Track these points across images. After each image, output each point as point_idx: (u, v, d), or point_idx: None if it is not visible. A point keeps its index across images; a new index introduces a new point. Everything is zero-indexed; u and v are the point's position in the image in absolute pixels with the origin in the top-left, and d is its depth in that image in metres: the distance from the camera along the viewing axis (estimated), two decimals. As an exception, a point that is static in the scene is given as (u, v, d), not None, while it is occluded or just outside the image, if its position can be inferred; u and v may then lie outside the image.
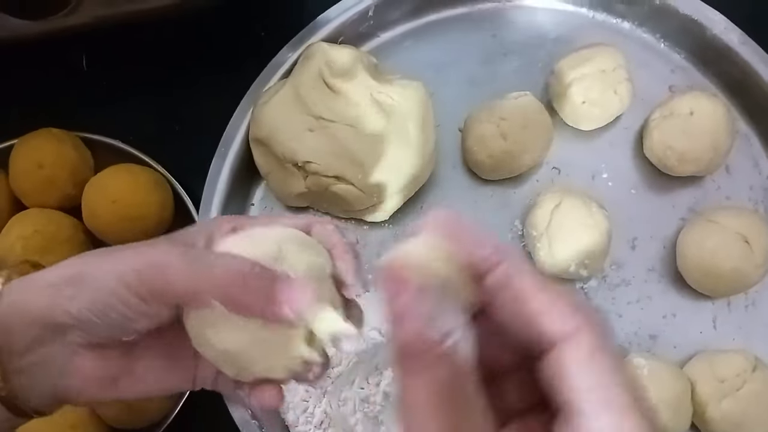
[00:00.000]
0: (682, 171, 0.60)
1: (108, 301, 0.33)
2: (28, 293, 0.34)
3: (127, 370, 0.36)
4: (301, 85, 0.58)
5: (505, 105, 0.60)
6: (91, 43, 0.67)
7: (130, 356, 0.36)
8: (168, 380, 0.38)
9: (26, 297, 0.33)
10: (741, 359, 0.54)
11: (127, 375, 0.36)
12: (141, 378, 0.36)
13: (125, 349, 0.36)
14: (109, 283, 0.33)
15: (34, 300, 0.33)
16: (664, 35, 0.65)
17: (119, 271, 0.33)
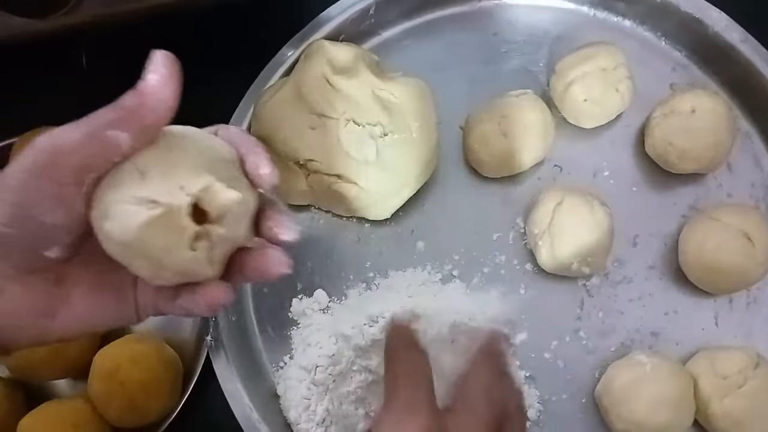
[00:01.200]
0: (683, 168, 0.60)
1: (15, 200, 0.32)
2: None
3: (62, 299, 0.35)
4: (303, 83, 0.58)
5: (506, 103, 0.60)
6: (91, 42, 0.67)
7: (61, 285, 0.35)
8: (107, 311, 0.37)
9: None
10: (743, 356, 0.54)
11: (62, 305, 0.35)
12: (78, 309, 0.36)
13: (55, 276, 0.35)
14: (11, 182, 0.32)
15: None
16: (665, 33, 0.65)
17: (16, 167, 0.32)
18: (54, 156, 0.32)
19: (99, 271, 0.36)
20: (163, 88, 0.33)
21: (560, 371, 0.58)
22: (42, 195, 0.32)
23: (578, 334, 0.58)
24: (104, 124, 0.33)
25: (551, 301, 0.59)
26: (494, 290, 0.59)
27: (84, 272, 0.36)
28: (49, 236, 0.33)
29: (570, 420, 0.57)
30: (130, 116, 0.33)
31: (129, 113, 0.33)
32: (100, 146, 0.33)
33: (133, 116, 0.33)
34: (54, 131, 0.33)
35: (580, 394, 0.57)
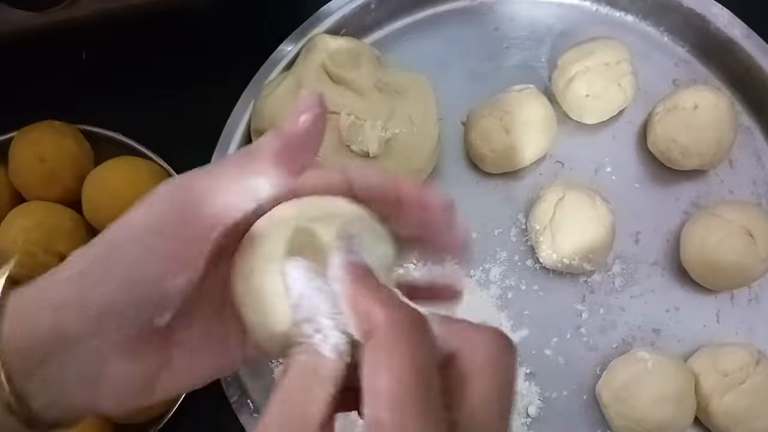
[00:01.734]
0: (685, 165, 0.59)
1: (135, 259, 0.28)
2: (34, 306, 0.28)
3: (165, 368, 0.30)
4: (304, 76, 0.58)
5: (507, 98, 0.60)
6: (92, 36, 0.67)
7: (165, 349, 0.30)
8: (207, 368, 0.32)
9: (32, 311, 0.28)
10: (744, 353, 0.54)
11: (165, 371, 0.30)
12: (179, 371, 0.31)
13: (159, 341, 0.30)
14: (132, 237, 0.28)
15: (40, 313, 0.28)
16: (667, 29, 0.65)
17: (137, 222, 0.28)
18: (184, 209, 0.28)
19: (202, 327, 0.31)
20: (311, 130, 0.28)
21: (561, 368, 0.57)
22: (166, 255, 0.28)
23: (579, 331, 0.58)
24: (242, 170, 0.28)
25: (552, 297, 0.59)
26: (494, 287, 0.59)
27: (187, 331, 0.31)
28: (161, 302, 0.29)
29: (571, 417, 0.57)
30: (273, 160, 0.28)
31: (271, 157, 0.28)
32: (238, 196, 0.28)
33: (276, 160, 0.28)
34: (179, 179, 0.28)
35: (581, 390, 0.57)
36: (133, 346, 0.29)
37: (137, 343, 0.29)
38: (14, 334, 0.27)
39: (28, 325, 0.28)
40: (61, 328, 0.27)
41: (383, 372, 0.24)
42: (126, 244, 0.28)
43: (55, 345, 0.28)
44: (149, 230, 0.28)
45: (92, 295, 0.28)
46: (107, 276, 0.28)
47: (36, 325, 0.28)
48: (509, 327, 0.58)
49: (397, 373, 0.24)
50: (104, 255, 0.28)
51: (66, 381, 0.28)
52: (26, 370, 0.28)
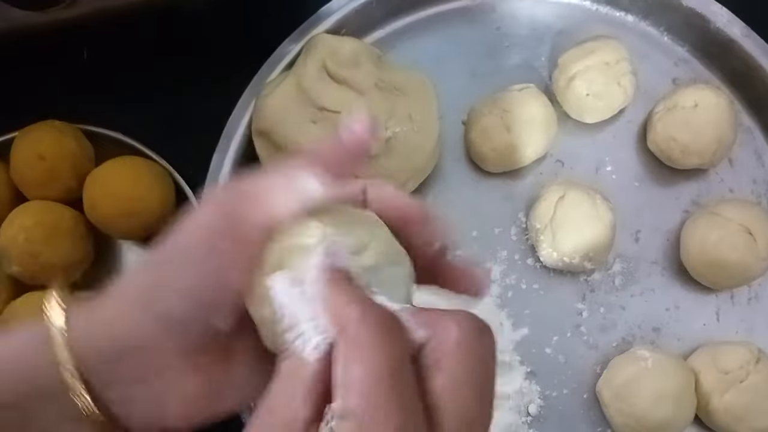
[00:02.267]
0: (685, 164, 0.59)
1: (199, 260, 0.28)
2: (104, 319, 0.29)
3: (228, 378, 0.31)
4: (304, 76, 0.58)
5: (508, 97, 0.60)
6: (93, 36, 0.67)
7: (228, 361, 0.31)
8: (261, 382, 0.31)
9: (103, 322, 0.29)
10: (744, 351, 0.54)
11: (227, 385, 0.31)
12: (239, 385, 0.31)
13: (221, 351, 0.31)
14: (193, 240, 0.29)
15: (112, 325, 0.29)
16: (667, 28, 0.65)
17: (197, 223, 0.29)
18: (238, 209, 0.29)
19: (254, 338, 0.31)
20: (362, 137, 0.30)
21: (561, 366, 0.57)
22: (228, 254, 0.29)
23: (579, 330, 0.58)
24: (296, 168, 0.29)
25: (553, 296, 0.59)
26: (495, 286, 0.59)
27: (244, 342, 0.31)
28: (226, 302, 0.29)
29: (571, 415, 0.57)
30: (328, 159, 0.30)
31: (326, 154, 0.30)
32: (292, 193, 0.29)
33: (329, 162, 0.29)
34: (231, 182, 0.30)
35: (582, 389, 0.57)
36: (196, 354, 0.30)
37: (200, 351, 0.30)
38: (84, 351, 0.28)
39: (96, 337, 0.29)
40: (129, 335, 0.28)
41: (354, 364, 0.24)
42: (189, 244, 0.29)
43: (122, 355, 0.28)
44: (210, 232, 0.29)
45: (160, 299, 0.28)
46: (174, 279, 0.29)
47: (104, 337, 0.29)
48: (509, 326, 0.58)
49: (368, 364, 0.24)
50: (168, 261, 0.29)
51: (134, 396, 0.29)
52: (92, 381, 0.28)
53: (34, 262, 0.57)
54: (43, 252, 0.57)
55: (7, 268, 0.58)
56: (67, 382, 0.28)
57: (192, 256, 0.29)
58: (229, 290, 0.29)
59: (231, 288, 0.29)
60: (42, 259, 0.57)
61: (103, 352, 0.28)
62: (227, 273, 0.29)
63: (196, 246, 0.29)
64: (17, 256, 0.57)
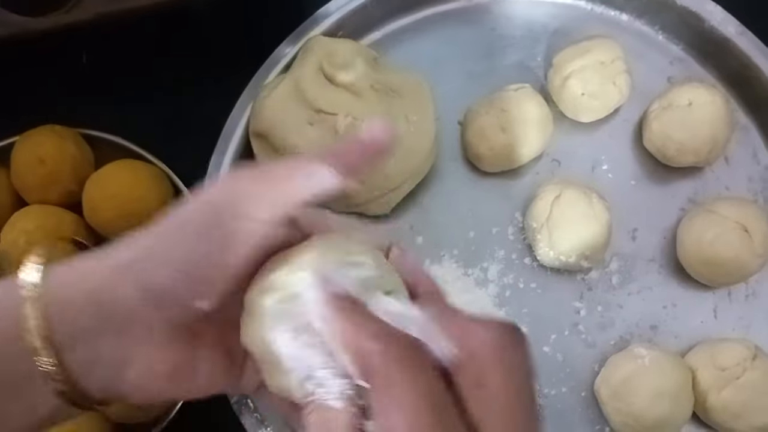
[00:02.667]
0: (681, 162, 0.60)
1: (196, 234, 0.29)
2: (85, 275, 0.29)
3: (190, 363, 0.31)
4: (301, 78, 0.58)
5: (504, 98, 0.60)
6: (92, 40, 0.67)
7: (194, 348, 0.31)
8: (220, 379, 0.33)
9: (81, 279, 0.29)
10: (741, 348, 0.54)
11: (188, 369, 0.31)
12: (199, 374, 0.32)
13: (190, 336, 0.31)
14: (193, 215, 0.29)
15: (91, 281, 0.29)
16: (662, 27, 0.65)
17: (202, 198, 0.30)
18: (247, 191, 0.30)
19: (224, 333, 0.32)
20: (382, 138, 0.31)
21: (559, 365, 0.58)
22: (227, 231, 0.29)
23: (577, 328, 0.58)
24: (308, 159, 0.30)
25: (550, 295, 0.59)
26: (493, 285, 0.59)
27: (212, 333, 0.32)
28: (214, 281, 0.30)
29: (569, 414, 0.57)
30: (341, 154, 0.31)
31: (340, 151, 0.31)
32: (309, 178, 0.30)
33: (344, 154, 0.31)
34: (237, 170, 0.30)
35: (580, 387, 0.57)
36: (167, 331, 0.30)
37: (172, 329, 0.30)
38: (58, 308, 0.28)
39: (75, 291, 0.29)
40: (111, 296, 0.28)
41: (393, 413, 0.24)
42: (190, 220, 0.29)
43: (99, 314, 0.28)
44: (217, 206, 0.29)
45: (150, 268, 0.29)
46: (169, 251, 0.29)
47: (83, 291, 0.29)
48: (507, 325, 0.58)
49: (407, 408, 0.24)
50: (166, 233, 0.29)
51: (98, 358, 0.29)
52: (69, 343, 0.28)
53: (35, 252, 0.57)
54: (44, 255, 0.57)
55: (8, 272, 0.58)
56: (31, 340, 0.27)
57: (190, 230, 0.29)
58: (220, 270, 0.29)
59: (224, 268, 0.29)
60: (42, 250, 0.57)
61: (83, 313, 0.28)
62: (223, 253, 0.29)
63: (197, 220, 0.29)
64: (18, 259, 0.57)
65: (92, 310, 0.29)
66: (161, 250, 0.29)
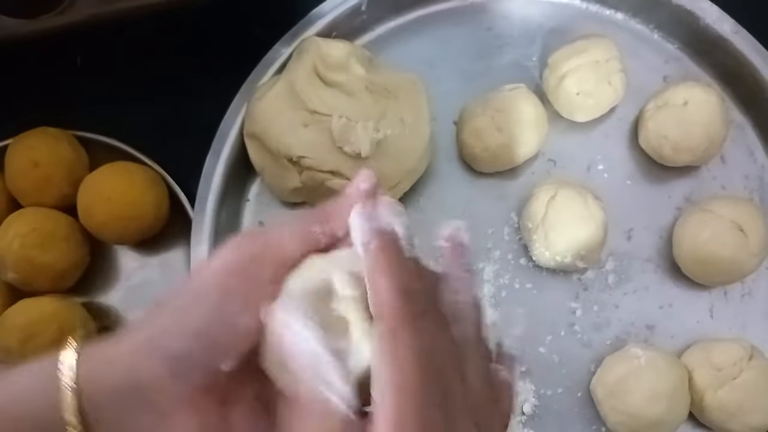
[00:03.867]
0: (677, 161, 0.60)
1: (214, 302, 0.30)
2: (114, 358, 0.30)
3: (223, 423, 0.32)
4: (296, 79, 0.58)
5: (499, 98, 0.60)
6: (86, 42, 0.67)
7: (225, 406, 0.32)
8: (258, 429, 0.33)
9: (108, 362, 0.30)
10: (737, 348, 0.54)
11: (223, 429, 0.32)
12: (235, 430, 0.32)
13: (220, 395, 0.32)
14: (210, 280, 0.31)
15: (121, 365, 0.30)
16: (657, 25, 0.65)
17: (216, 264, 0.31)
18: (259, 253, 0.32)
19: (259, 386, 0.32)
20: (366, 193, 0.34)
21: (556, 365, 0.58)
22: (241, 295, 0.31)
23: (573, 328, 0.58)
24: (310, 221, 0.33)
25: (546, 295, 0.59)
26: (488, 285, 0.59)
27: (244, 388, 0.33)
28: (232, 344, 0.31)
29: (566, 414, 0.57)
30: (333, 216, 0.33)
31: (333, 213, 0.33)
32: (304, 243, 0.33)
33: (336, 217, 0.33)
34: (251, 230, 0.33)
35: (576, 388, 0.57)
36: (197, 397, 0.31)
37: (200, 393, 0.31)
38: (90, 385, 0.29)
39: (104, 375, 0.30)
40: (136, 374, 0.29)
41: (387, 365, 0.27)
42: (205, 288, 0.31)
43: (127, 393, 0.29)
44: (226, 274, 0.31)
45: (172, 340, 0.30)
46: (185, 321, 0.30)
47: (111, 374, 0.30)
48: (503, 325, 0.58)
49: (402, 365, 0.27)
50: (181, 304, 0.31)
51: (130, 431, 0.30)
52: (103, 423, 0.29)
53: (29, 268, 0.57)
54: (38, 258, 0.57)
55: (3, 275, 0.58)
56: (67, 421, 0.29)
57: (205, 298, 0.31)
58: (238, 333, 0.31)
59: (240, 331, 0.31)
60: (37, 265, 0.57)
61: (106, 390, 0.29)
62: (239, 316, 0.31)
63: (211, 288, 0.31)
64: (13, 262, 0.57)
65: (125, 391, 0.29)
66: (181, 321, 0.30)
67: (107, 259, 0.64)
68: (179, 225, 0.62)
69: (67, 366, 0.29)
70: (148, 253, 0.64)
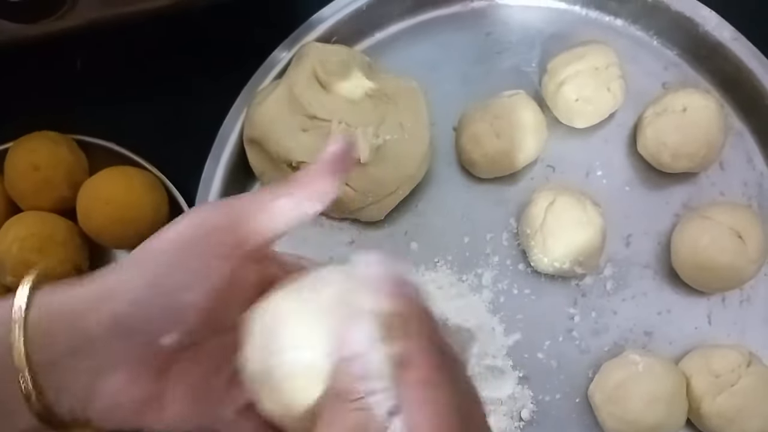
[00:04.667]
0: (675, 167, 0.60)
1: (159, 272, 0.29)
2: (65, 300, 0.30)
3: (156, 398, 0.31)
4: (295, 84, 0.58)
5: (498, 103, 0.60)
6: (86, 46, 0.67)
7: (160, 382, 0.31)
8: (191, 416, 0.32)
9: (62, 304, 0.30)
10: (735, 354, 0.54)
11: (154, 405, 0.31)
12: (167, 410, 0.32)
13: (157, 373, 0.31)
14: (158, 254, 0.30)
15: (69, 307, 0.30)
16: (656, 32, 0.65)
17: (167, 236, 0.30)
18: (224, 223, 0.30)
19: (195, 372, 0.32)
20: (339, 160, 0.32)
21: (554, 371, 0.58)
22: (189, 268, 0.30)
23: (571, 334, 0.58)
24: (278, 194, 0.31)
25: (544, 301, 0.59)
26: (487, 291, 0.59)
27: (184, 373, 0.32)
28: (175, 318, 0.30)
29: (564, 420, 0.57)
30: (301, 185, 0.31)
31: (300, 183, 0.31)
32: (272, 216, 0.31)
33: (304, 185, 0.31)
34: (220, 201, 0.31)
35: (574, 393, 0.57)
36: (134, 367, 0.30)
37: (139, 361, 0.30)
38: (39, 331, 0.29)
39: (52, 324, 0.30)
40: (81, 323, 0.29)
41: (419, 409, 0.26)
42: (154, 255, 0.30)
43: (72, 338, 0.29)
44: (176, 246, 0.30)
45: (116, 300, 0.29)
46: (128, 286, 0.30)
47: (60, 318, 0.30)
48: (502, 331, 0.58)
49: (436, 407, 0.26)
50: (129, 267, 0.30)
51: (68, 386, 0.30)
52: (46, 367, 0.29)
53: (28, 272, 0.57)
54: (38, 262, 0.57)
55: (2, 279, 0.58)
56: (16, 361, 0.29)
57: (148, 267, 0.30)
58: (178, 309, 0.30)
59: (182, 307, 0.30)
60: (36, 268, 0.57)
61: (59, 339, 0.29)
62: (182, 292, 0.30)
63: (158, 257, 0.30)
64: (11, 266, 0.57)
65: (67, 336, 0.29)
66: (132, 281, 0.30)
67: (106, 263, 0.64)
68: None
69: (18, 305, 0.29)
70: (147, 257, 0.64)
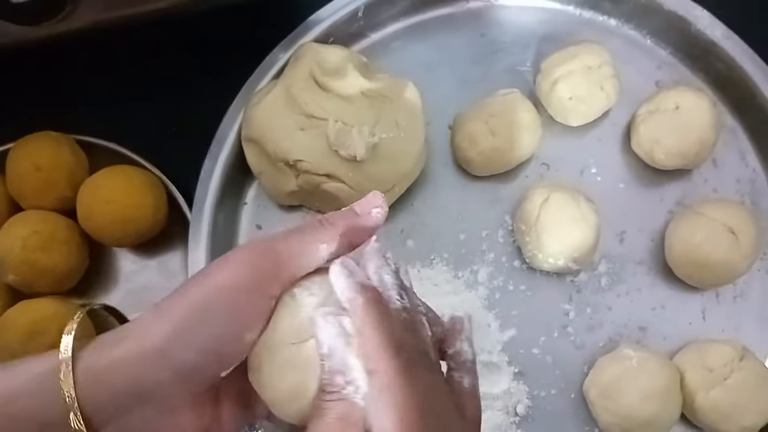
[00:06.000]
0: (669, 165, 0.60)
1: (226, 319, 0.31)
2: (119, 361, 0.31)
3: (215, 416, 0.34)
4: (293, 84, 0.59)
5: (493, 102, 0.61)
6: (88, 47, 0.68)
7: (217, 400, 0.34)
8: (243, 422, 0.36)
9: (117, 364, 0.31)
10: (729, 349, 0.54)
11: (215, 425, 0.34)
12: (225, 424, 0.34)
13: (214, 397, 0.34)
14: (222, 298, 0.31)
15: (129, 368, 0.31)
16: (649, 31, 0.66)
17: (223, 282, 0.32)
18: (267, 270, 0.32)
19: (241, 382, 0.34)
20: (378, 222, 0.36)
21: (549, 367, 0.58)
22: (250, 313, 0.32)
23: (566, 330, 0.59)
24: (315, 238, 0.34)
25: (540, 297, 0.60)
26: (482, 287, 0.60)
27: (232, 386, 0.35)
28: (236, 356, 0.32)
29: (559, 415, 0.57)
30: (340, 233, 0.34)
31: (339, 231, 0.34)
32: (310, 258, 0.34)
33: (343, 234, 0.34)
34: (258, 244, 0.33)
35: (569, 389, 0.58)
36: (198, 399, 0.32)
37: (202, 396, 0.33)
38: (91, 388, 0.30)
39: (106, 378, 0.31)
40: (140, 381, 0.30)
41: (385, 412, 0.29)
42: (215, 305, 0.31)
43: (131, 396, 0.31)
44: (237, 291, 0.32)
45: (179, 352, 0.31)
46: (193, 337, 0.31)
47: (115, 379, 0.31)
48: (497, 327, 0.59)
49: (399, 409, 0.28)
50: (187, 315, 0.31)
51: (131, 428, 0.31)
52: (104, 419, 0.30)
53: (30, 270, 0.58)
54: (39, 261, 0.58)
55: (3, 277, 0.59)
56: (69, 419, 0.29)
57: (215, 315, 0.31)
58: (243, 347, 0.32)
59: (245, 345, 0.32)
60: (38, 267, 0.58)
61: (108, 392, 0.30)
62: (246, 332, 0.32)
63: (222, 305, 0.31)
64: (13, 265, 0.58)
65: (127, 394, 0.30)
66: (189, 335, 0.31)
67: (106, 262, 0.65)
68: (177, 228, 0.62)
69: (65, 367, 0.30)
70: (147, 256, 0.65)
